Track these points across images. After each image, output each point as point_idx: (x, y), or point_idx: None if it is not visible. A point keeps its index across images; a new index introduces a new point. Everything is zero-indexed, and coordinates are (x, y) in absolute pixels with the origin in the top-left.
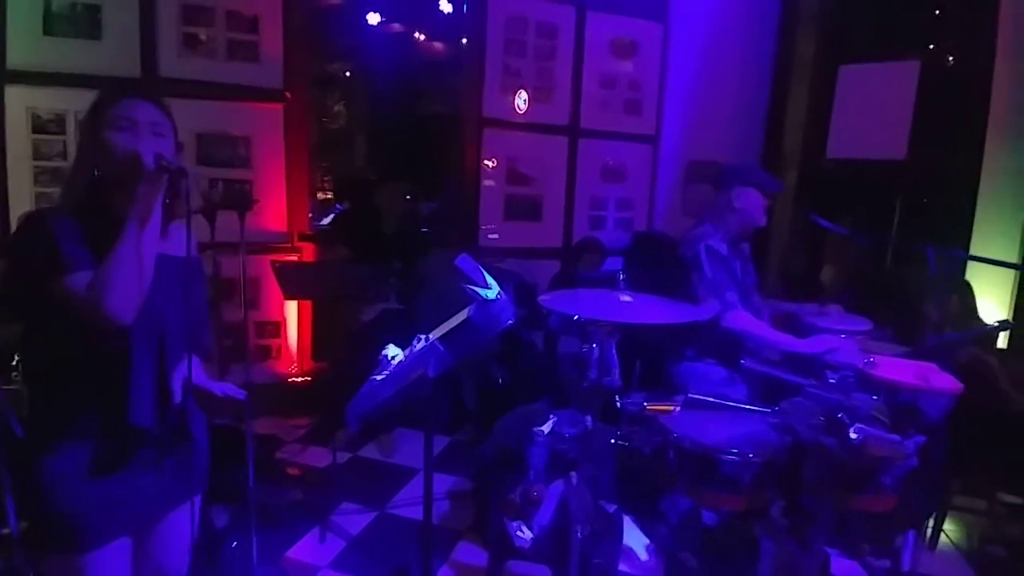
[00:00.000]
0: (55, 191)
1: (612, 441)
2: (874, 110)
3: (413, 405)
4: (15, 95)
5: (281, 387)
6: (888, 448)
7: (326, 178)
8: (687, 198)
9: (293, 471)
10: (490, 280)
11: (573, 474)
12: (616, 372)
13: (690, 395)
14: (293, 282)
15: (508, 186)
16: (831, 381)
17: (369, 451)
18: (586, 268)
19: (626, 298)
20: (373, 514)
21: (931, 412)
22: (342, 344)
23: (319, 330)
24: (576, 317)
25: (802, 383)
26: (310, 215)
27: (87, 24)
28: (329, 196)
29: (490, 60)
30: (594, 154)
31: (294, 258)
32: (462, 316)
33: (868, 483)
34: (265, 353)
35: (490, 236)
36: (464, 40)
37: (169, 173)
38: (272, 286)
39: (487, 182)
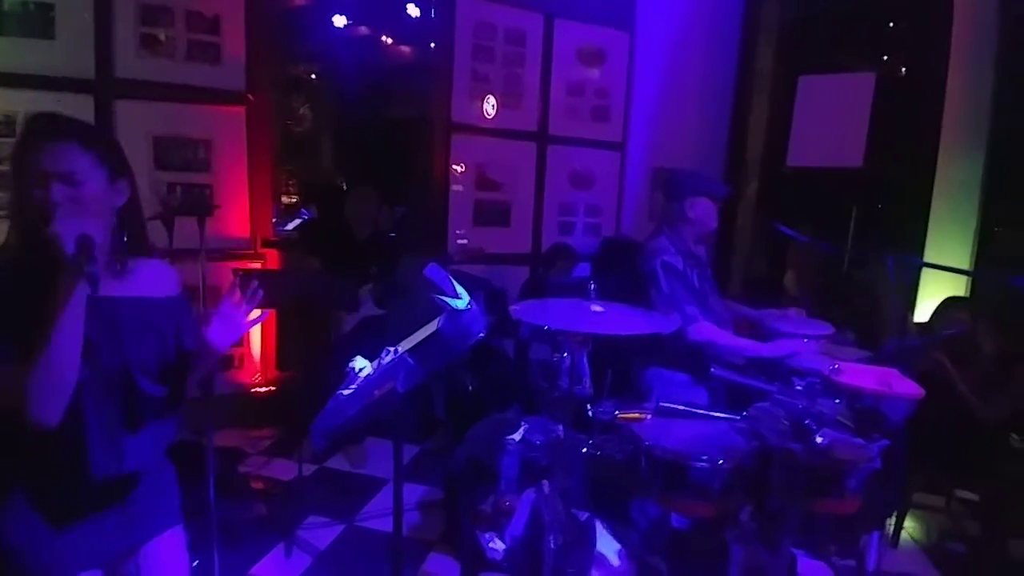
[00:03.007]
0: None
1: (584, 450)
2: (832, 120)
3: (382, 417)
4: None
5: (244, 398)
6: (853, 452)
7: (291, 182)
8: (654, 204)
9: (257, 485)
10: (460, 290)
11: (545, 483)
12: (587, 381)
13: (660, 403)
14: (260, 289)
15: (477, 191)
16: (797, 387)
17: (337, 462)
18: (558, 274)
19: (597, 308)
20: (341, 527)
21: (893, 416)
22: (314, 353)
23: (284, 339)
24: (547, 328)
25: (769, 389)
26: (274, 220)
27: (40, 23)
28: (294, 200)
29: (458, 65)
30: (562, 160)
31: (257, 265)
32: (431, 328)
33: (834, 486)
34: (227, 362)
35: (459, 241)
36: (432, 45)
37: (92, 258)
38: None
39: (456, 187)
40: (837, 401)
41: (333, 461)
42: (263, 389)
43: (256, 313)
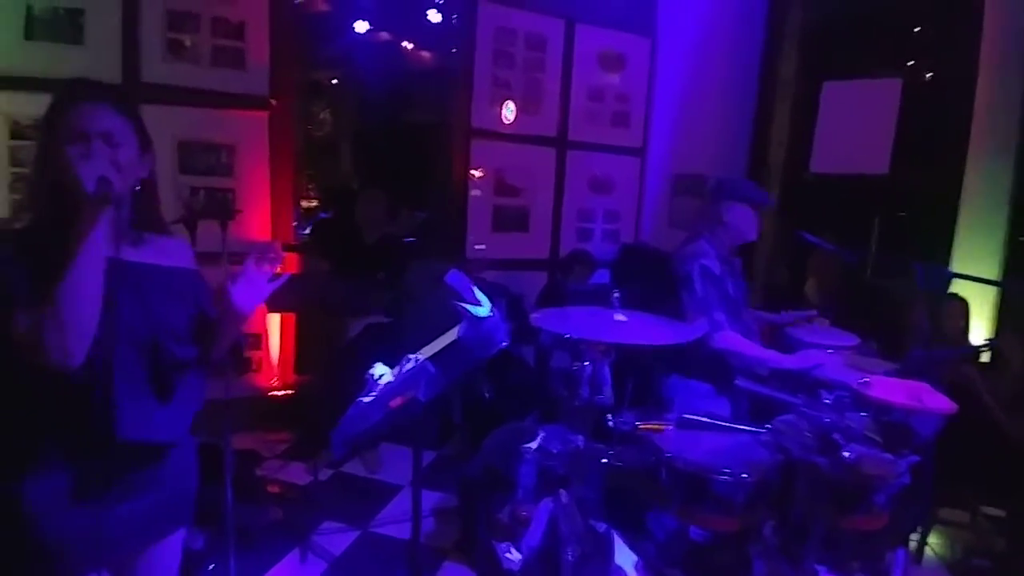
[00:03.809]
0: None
1: (603, 460)
2: (857, 126)
3: (403, 425)
4: None
5: (261, 401)
6: (881, 467)
7: (310, 186)
8: (673, 210)
9: (273, 489)
10: (481, 297)
11: (562, 493)
12: (608, 390)
13: (682, 414)
14: (277, 294)
15: (496, 197)
16: (825, 400)
17: (352, 467)
18: (575, 280)
19: (620, 317)
20: (356, 533)
21: (923, 431)
22: (325, 358)
23: (302, 343)
24: (568, 336)
25: (795, 402)
26: (295, 224)
27: (69, 29)
28: (314, 204)
29: (479, 71)
30: (582, 166)
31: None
32: (452, 335)
33: (861, 502)
34: (245, 365)
35: (477, 247)
36: (453, 50)
37: (113, 200)
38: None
39: (475, 192)
40: (865, 415)
41: (348, 466)
42: (280, 392)
43: (278, 275)
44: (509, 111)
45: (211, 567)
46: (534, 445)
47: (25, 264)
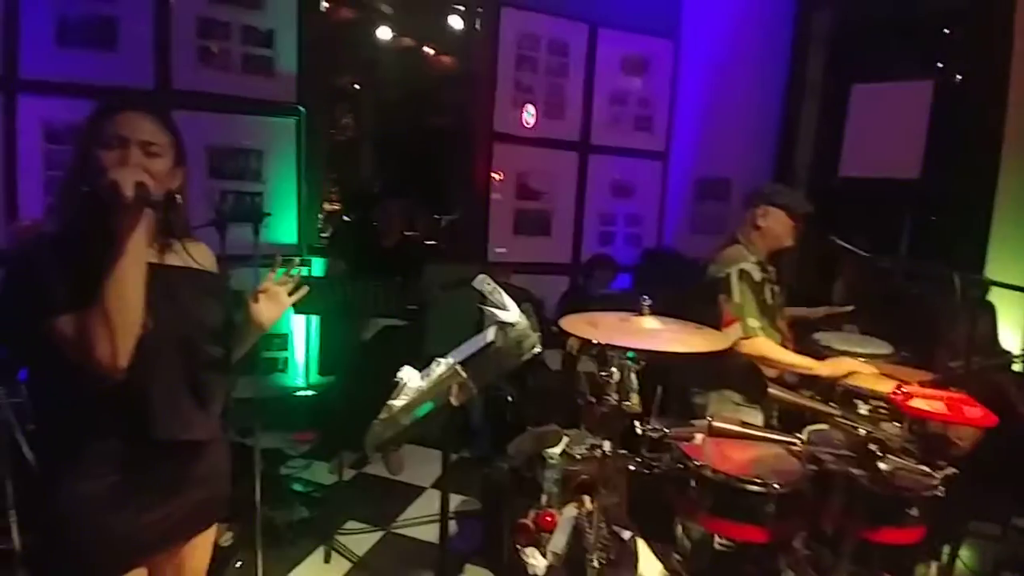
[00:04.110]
0: None
1: (631, 467)
2: (887, 129)
3: (433, 428)
4: (28, 105)
5: (286, 400)
6: (918, 480)
7: (333, 190)
8: (697, 215)
9: (298, 488)
10: (509, 301)
11: (587, 499)
12: (636, 397)
13: (713, 423)
14: (304, 296)
15: (517, 201)
16: (860, 411)
17: (375, 468)
18: (597, 284)
19: (653, 323)
20: (379, 534)
21: (961, 443)
22: (347, 360)
23: (325, 344)
24: (596, 343)
25: (830, 412)
26: (319, 227)
27: (102, 35)
28: (336, 208)
29: (502, 76)
30: (604, 170)
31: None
32: (483, 340)
33: (894, 514)
34: (271, 365)
35: (497, 251)
36: (476, 55)
37: (149, 204)
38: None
39: (496, 196)
40: (901, 425)
41: (371, 467)
42: (305, 392)
43: (300, 292)
44: (529, 115)
45: (238, 564)
46: (559, 450)
47: (63, 267)
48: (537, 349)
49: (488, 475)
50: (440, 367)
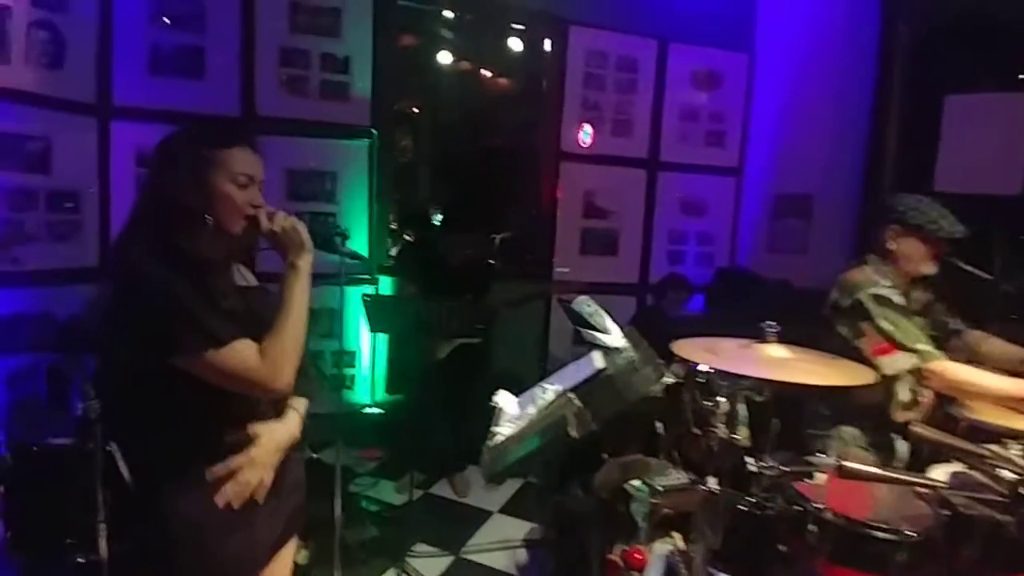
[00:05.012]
0: None
1: (740, 507)
2: (984, 142)
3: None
4: (122, 131)
5: (354, 417)
6: None
7: (396, 211)
8: (774, 233)
9: (369, 507)
10: (612, 325)
11: (678, 536)
12: (745, 430)
13: (845, 464)
14: (381, 315)
15: (584, 220)
16: (1013, 451)
17: (441, 489)
18: (670, 305)
19: (781, 352)
20: (450, 559)
21: None
22: (417, 378)
23: (394, 362)
24: (712, 370)
25: (979, 452)
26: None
27: (191, 64)
28: (399, 228)
29: (569, 94)
30: (674, 187)
31: (373, 290)
32: (591, 366)
33: None
34: (339, 382)
35: (559, 270)
36: (543, 75)
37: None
38: (349, 315)
39: (563, 215)
40: None
41: (437, 487)
42: (373, 410)
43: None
44: (585, 134)
45: None
46: (655, 483)
47: (205, 294)
48: (668, 380)
49: (561, 504)
50: (548, 394)
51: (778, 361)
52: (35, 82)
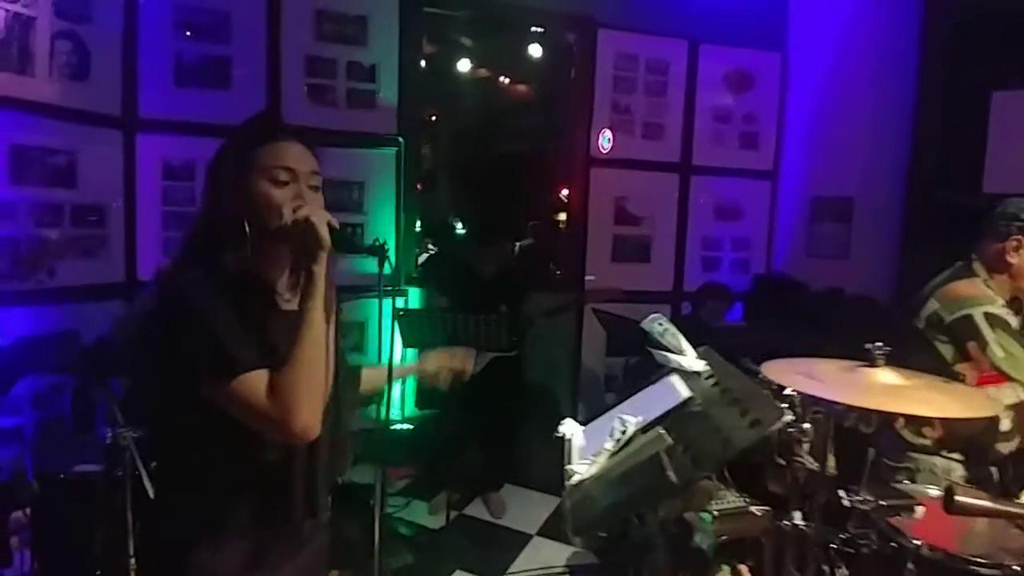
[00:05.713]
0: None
1: (834, 545)
2: None
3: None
4: (147, 143)
5: (382, 433)
6: None
7: (421, 220)
8: (813, 237)
9: (403, 531)
10: (687, 345)
11: (744, 568)
12: (833, 459)
13: (958, 497)
14: (415, 330)
15: (615, 226)
16: None
17: (475, 509)
18: (708, 315)
19: (891, 378)
20: None
21: None
22: (449, 393)
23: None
24: (798, 393)
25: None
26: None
27: (216, 75)
28: (425, 238)
29: (599, 98)
30: (707, 191)
31: (402, 302)
32: (673, 395)
33: None
34: (367, 398)
35: (588, 278)
36: (572, 79)
37: (356, 250)
38: (373, 328)
39: (594, 222)
40: None
41: (471, 508)
42: (401, 426)
43: None
44: (606, 140)
45: None
46: (716, 511)
47: (236, 313)
48: (788, 418)
49: (618, 530)
50: (628, 427)
51: (890, 388)
52: (59, 95)
